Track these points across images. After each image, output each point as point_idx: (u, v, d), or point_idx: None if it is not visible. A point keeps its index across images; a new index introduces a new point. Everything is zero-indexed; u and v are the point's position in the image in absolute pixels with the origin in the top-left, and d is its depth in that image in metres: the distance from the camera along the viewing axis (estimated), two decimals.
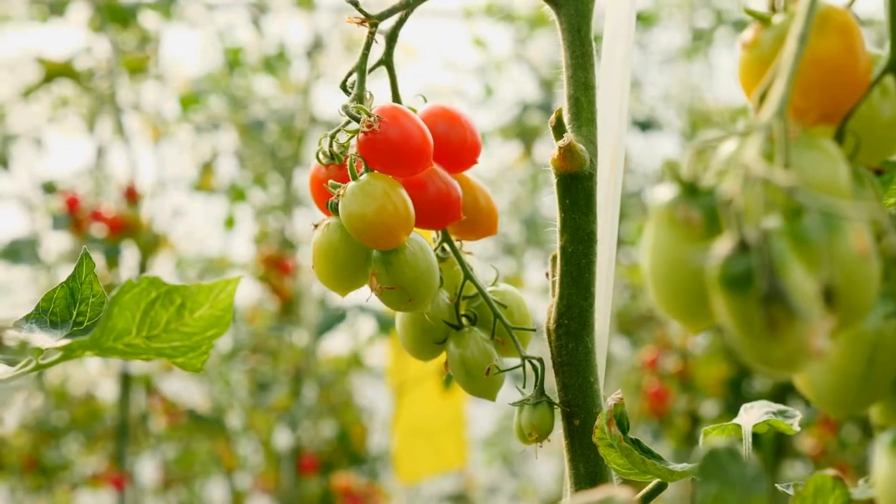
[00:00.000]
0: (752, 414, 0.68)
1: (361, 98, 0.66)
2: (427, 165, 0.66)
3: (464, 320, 0.70)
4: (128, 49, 3.16)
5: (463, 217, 0.68)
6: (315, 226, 0.67)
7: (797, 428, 0.68)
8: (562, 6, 0.67)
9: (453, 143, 0.69)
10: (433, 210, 0.67)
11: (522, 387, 0.69)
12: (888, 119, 0.45)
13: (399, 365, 3.21)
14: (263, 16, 3.41)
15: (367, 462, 3.44)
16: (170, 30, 3.37)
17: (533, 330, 0.71)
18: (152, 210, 3.11)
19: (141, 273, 2.78)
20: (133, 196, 2.95)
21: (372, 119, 0.65)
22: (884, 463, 0.41)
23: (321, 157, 0.68)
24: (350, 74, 0.67)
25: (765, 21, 0.45)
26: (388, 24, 0.67)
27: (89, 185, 3.18)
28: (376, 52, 0.68)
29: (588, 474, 0.65)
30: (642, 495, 0.65)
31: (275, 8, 3.43)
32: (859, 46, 0.44)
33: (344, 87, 0.67)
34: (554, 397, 0.67)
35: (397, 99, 0.69)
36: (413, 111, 0.68)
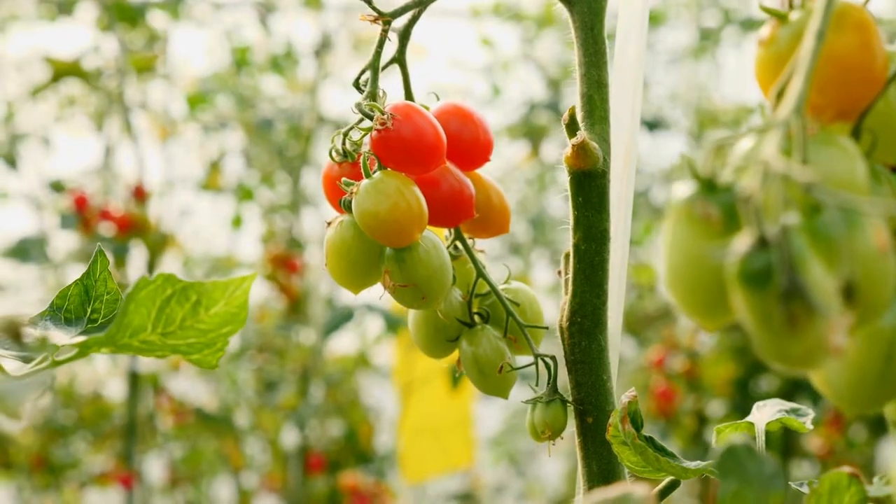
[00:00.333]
0: (765, 412, 0.68)
1: (375, 96, 0.66)
2: (440, 163, 0.66)
3: (476, 318, 0.70)
4: (136, 48, 3.16)
5: (476, 215, 0.68)
6: (328, 223, 0.67)
7: (810, 426, 0.67)
8: (575, 4, 0.67)
9: (466, 141, 0.69)
10: (446, 208, 0.67)
11: (535, 384, 0.69)
12: None
13: (406, 364, 3.22)
14: (271, 15, 3.41)
15: (375, 461, 3.44)
16: (178, 29, 3.37)
17: (545, 328, 0.71)
18: (160, 209, 3.11)
19: (149, 272, 2.79)
20: (141, 195, 2.95)
21: (385, 117, 0.64)
22: None
23: (334, 155, 0.68)
24: (363, 72, 0.67)
25: (781, 18, 0.45)
26: (401, 22, 0.68)
27: (97, 185, 3.18)
28: (388, 51, 0.68)
29: (601, 472, 0.65)
30: (656, 493, 0.65)
31: (282, 7, 3.43)
32: (876, 43, 0.44)
33: (357, 85, 0.67)
34: (567, 395, 0.67)
35: (410, 97, 0.69)
36: (426, 109, 0.68)
